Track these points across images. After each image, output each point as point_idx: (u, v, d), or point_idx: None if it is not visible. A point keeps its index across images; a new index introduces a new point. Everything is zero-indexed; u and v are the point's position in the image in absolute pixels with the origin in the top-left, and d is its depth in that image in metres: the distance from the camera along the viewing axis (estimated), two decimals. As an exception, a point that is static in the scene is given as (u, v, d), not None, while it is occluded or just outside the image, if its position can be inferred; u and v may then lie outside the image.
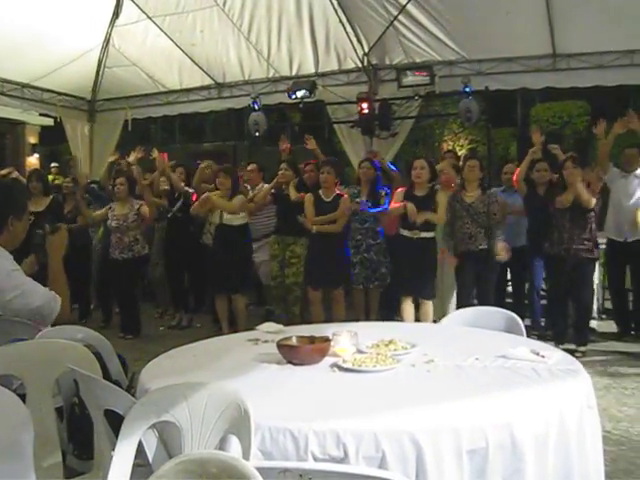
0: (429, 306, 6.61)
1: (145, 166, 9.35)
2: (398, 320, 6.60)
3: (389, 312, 7.20)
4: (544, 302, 7.61)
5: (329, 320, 6.76)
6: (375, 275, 7.35)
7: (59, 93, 11.22)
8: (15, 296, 3.14)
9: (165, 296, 9.16)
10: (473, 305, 6.30)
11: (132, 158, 9.03)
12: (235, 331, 6.92)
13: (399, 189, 7.00)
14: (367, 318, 7.21)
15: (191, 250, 8.13)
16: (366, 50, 9.70)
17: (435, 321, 6.41)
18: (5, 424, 1.86)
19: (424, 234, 6.53)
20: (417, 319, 6.60)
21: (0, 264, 3.18)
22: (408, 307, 6.65)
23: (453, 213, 6.76)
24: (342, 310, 7.08)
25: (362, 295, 7.50)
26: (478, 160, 7.11)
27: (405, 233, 6.62)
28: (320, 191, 7.16)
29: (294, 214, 7.46)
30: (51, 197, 8.19)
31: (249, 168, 8.65)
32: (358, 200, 7.34)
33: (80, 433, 3.09)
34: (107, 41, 10.39)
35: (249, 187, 8.40)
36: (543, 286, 7.76)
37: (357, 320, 6.51)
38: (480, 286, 6.86)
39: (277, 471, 1.85)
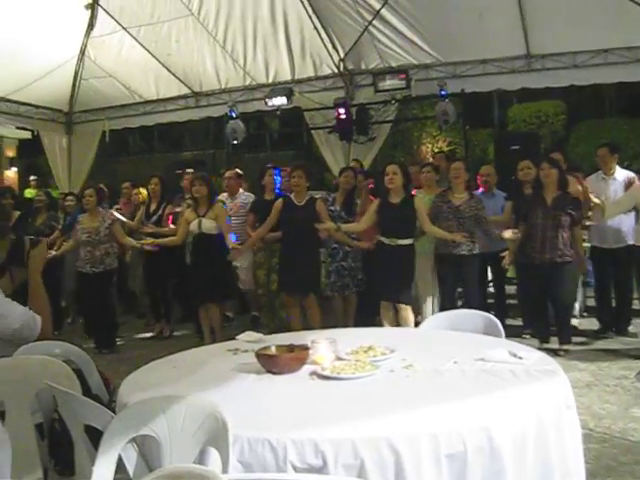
0: (408, 311, 6.59)
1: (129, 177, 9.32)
2: (377, 325, 6.60)
3: (367, 317, 7.19)
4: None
5: (306, 326, 6.76)
6: (353, 282, 7.35)
7: (36, 106, 11.20)
8: None
9: (146, 307, 9.13)
10: (457, 307, 6.36)
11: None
12: (215, 340, 6.93)
13: (374, 199, 6.97)
14: (345, 324, 7.21)
15: (171, 260, 8.08)
16: (342, 56, 9.75)
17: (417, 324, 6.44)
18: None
19: (401, 241, 6.49)
20: (397, 325, 6.60)
21: None
22: (388, 312, 6.64)
23: (438, 214, 6.79)
24: (317, 315, 7.04)
25: (340, 301, 7.50)
26: (462, 161, 7.14)
27: (384, 240, 6.59)
28: (292, 195, 7.11)
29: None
30: (19, 213, 8.04)
31: (227, 175, 8.62)
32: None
33: (61, 449, 3.06)
34: (82, 53, 10.38)
35: (227, 195, 8.40)
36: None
37: (335, 326, 6.51)
38: (465, 290, 6.90)
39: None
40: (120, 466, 2.27)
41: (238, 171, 8.80)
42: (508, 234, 6.63)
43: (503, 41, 8.74)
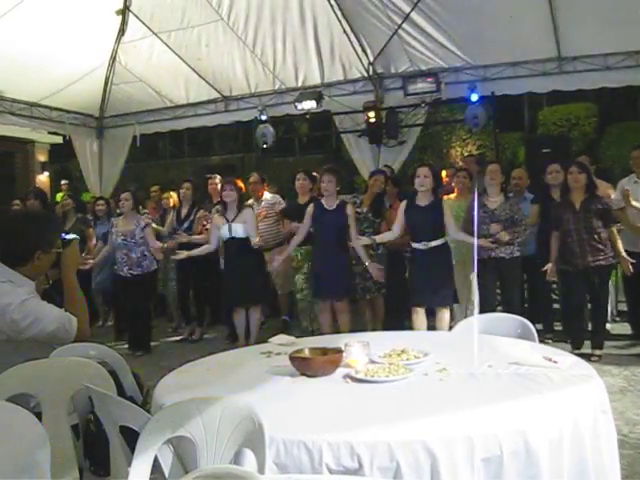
0: (446, 313, 6.54)
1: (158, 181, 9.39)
2: (406, 329, 6.56)
3: (395, 321, 7.16)
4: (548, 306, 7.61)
5: (336, 330, 6.75)
6: (375, 286, 7.32)
7: (67, 111, 11.32)
8: (29, 323, 3.17)
9: (177, 310, 9.19)
10: (496, 311, 6.33)
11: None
12: (247, 344, 6.95)
13: (402, 202, 6.94)
14: (374, 328, 7.19)
15: (203, 263, 8.11)
16: (371, 59, 9.73)
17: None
18: (23, 443, 1.88)
19: (434, 242, 6.46)
20: (433, 327, 6.55)
21: (15, 294, 3.21)
22: (421, 317, 6.58)
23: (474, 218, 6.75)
24: (347, 320, 7.03)
25: (366, 305, 7.49)
26: (498, 164, 7.08)
27: (417, 246, 6.53)
28: (322, 200, 7.11)
29: None
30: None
31: (251, 180, 8.64)
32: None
33: (96, 450, 3.09)
34: (113, 58, 10.46)
35: (253, 199, 8.42)
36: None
37: (364, 330, 6.49)
38: (505, 294, 6.85)
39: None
40: (155, 467, 2.29)
41: (261, 175, 8.82)
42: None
43: (534, 43, 8.66)
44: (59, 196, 11.38)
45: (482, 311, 6.47)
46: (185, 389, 2.74)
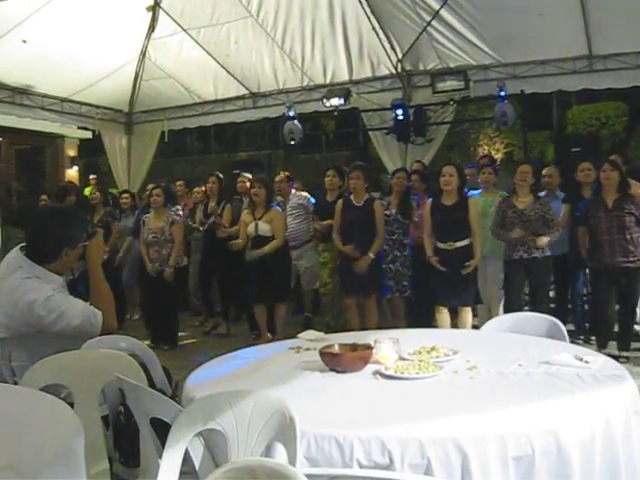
0: (468, 313, 6.54)
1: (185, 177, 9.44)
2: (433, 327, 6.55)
3: (418, 320, 7.14)
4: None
5: (363, 327, 6.75)
6: (397, 286, 7.31)
7: (97, 106, 11.42)
8: (55, 318, 3.21)
9: (200, 304, 9.25)
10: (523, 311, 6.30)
11: None
12: (273, 339, 6.97)
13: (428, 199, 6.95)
14: (395, 326, 7.18)
15: (227, 259, 8.15)
16: (400, 56, 9.70)
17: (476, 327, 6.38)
18: (60, 433, 1.90)
19: (459, 243, 6.45)
20: (455, 326, 6.54)
21: (40, 290, 3.25)
22: (444, 316, 6.58)
23: (504, 219, 6.70)
24: (375, 317, 7.04)
25: (393, 303, 7.49)
26: (529, 165, 7.03)
27: (441, 246, 6.54)
28: (351, 196, 7.14)
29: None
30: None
31: (277, 179, 8.67)
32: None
33: (126, 441, 3.13)
34: (143, 54, 10.53)
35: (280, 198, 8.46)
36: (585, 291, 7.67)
37: (387, 327, 6.49)
38: (536, 293, 6.81)
39: (325, 478, 1.87)
40: (184, 459, 2.30)
41: (288, 175, 8.85)
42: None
43: (564, 41, 8.59)
44: (87, 190, 11.46)
45: (509, 311, 6.53)
46: (215, 383, 2.77)
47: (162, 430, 2.47)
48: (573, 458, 2.19)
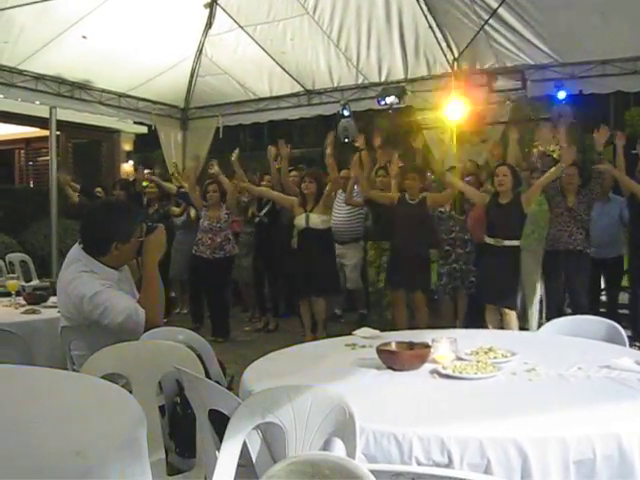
0: (512, 316, 6.51)
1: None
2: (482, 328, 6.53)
3: (476, 319, 7.11)
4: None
5: (412, 326, 6.77)
6: (464, 284, 7.29)
7: (153, 102, 11.56)
8: (100, 314, 3.29)
9: (252, 300, 9.31)
10: (563, 309, 6.26)
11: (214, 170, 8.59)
12: (315, 336, 7.00)
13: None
14: (453, 326, 7.15)
15: (280, 254, 8.22)
16: (456, 55, 9.62)
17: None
18: (124, 421, 1.94)
19: (508, 242, 6.42)
20: (500, 328, 6.50)
21: (90, 286, 3.31)
22: (492, 315, 6.57)
23: (555, 217, 6.75)
24: (425, 315, 7.05)
25: (449, 303, 7.45)
26: (577, 167, 6.99)
27: (489, 241, 6.54)
28: (406, 194, 7.21)
29: (388, 219, 7.45)
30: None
31: (342, 173, 8.67)
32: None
33: (182, 432, 3.17)
34: (200, 51, 10.63)
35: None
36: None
37: (442, 327, 6.46)
38: (573, 289, 6.77)
39: (388, 474, 1.86)
40: (241, 452, 2.32)
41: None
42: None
43: (625, 41, 8.41)
44: (143, 184, 11.60)
45: (550, 306, 6.52)
46: (273, 377, 2.78)
47: (219, 422, 2.50)
48: (636, 464, 2.13)
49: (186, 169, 9.80)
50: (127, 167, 15.17)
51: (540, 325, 6.19)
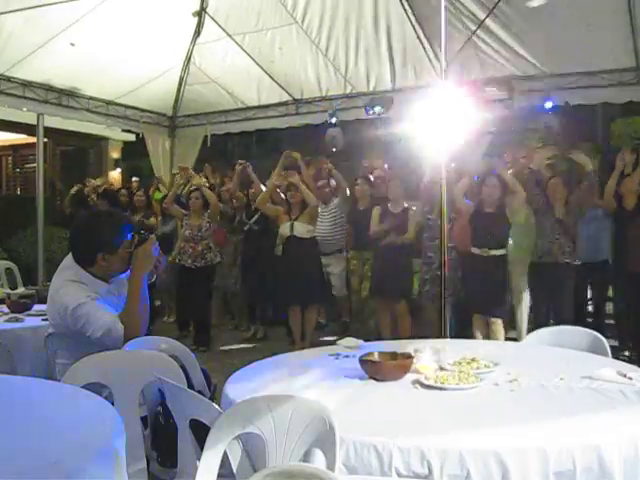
0: (499, 325, 6.53)
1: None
2: (469, 337, 6.53)
3: (461, 329, 7.12)
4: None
5: (396, 334, 6.79)
6: (448, 292, 7.29)
7: (141, 110, 11.52)
8: (80, 327, 3.28)
9: (239, 308, 9.29)
10: (549, 320, 6.29)
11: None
12: (303, 345, 7.00)
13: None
14: (438, 333, 7.16)
15: (267, 263, 8.21)
16: (444, 65, 9.63)
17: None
18: (102, 431, 1.93)
19: (494, 252, 6.46)
20: (487, 337, 6.53)
21: (74, 298, 3.29)
22: (479, 324, 6.60)
23: (542, 229, 6.78)
24: (408, 324, 7.08)
25: (433, 310, 7.45)
26: (561, 178, 7.05)
27: (476, 251, 6.56)
28: (389, 204, 7.20)
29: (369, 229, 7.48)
30: None
31: (320, 184, 8.68)
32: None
33: (164, 441, 3.15)
34: (188, 59, 10.61)
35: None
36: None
37: (427, 336, 6.48)
38: (558, 300, 6.81)
39: (365, 486, 1.86)
40: (221, 462, 2.31)
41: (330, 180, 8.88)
42: None
43: (611, 53, 8.46)
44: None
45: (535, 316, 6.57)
46: (255, 387, 2.77)
47: (200, 432, 2.49)
48: (615, 475, 2.14)
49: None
50: (115, 175, 15.17)
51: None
